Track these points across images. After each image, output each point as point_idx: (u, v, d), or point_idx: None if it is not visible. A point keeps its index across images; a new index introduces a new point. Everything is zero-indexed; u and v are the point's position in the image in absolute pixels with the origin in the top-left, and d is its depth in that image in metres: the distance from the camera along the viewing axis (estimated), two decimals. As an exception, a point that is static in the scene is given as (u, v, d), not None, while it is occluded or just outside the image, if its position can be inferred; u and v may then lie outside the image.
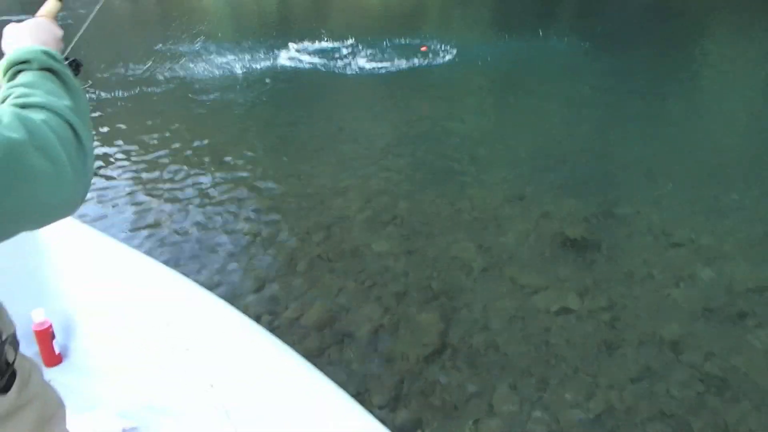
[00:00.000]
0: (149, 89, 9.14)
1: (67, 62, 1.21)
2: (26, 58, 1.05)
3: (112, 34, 13.66)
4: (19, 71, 1.04)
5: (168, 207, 5.27)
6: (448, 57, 10.22)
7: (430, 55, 10.19)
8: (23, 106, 0.94)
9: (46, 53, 1.08)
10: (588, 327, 3.73)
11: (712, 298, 4.00)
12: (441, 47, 10.84)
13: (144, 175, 5.99)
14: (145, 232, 4.87)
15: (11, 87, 1.00)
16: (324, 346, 3.61)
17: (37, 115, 0.92)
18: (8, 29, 1.20)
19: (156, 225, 4.98)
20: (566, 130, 6.91)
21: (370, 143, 6.59)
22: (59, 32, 1.24)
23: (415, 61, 9.90)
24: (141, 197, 5.54)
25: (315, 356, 3.53)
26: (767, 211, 5.03)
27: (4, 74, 1.05)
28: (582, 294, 4.00)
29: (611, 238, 4.65)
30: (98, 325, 2.49)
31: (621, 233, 4.72)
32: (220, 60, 10.44)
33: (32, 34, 1.17)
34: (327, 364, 3.49)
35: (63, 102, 0.98)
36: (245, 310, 3.88)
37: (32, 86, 0.99)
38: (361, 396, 3.28)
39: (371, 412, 3.17)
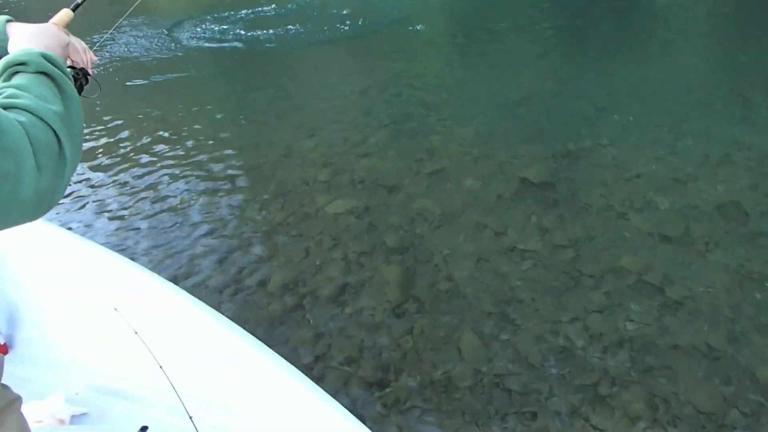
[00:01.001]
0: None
1: (74, 71, 1.28)
2: (23, 60, 1.06)
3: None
4: (16, 72, 1.06)
5: (116, 187, 5.17)
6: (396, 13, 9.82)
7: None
8: (6, 107, 0.95)
9: (45, 57, 1.08)
10: (550, 264, 3.77)
11: (670, 224, 4.05)
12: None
13: (89, 154, 5.85)
14: (94, 213, 4.80)
15: (3, 87, 1.01)
16: (288, 309, 3.63)
17: (19, 117, 0.93)
18: (14, 30, 1.22)
19: (105, 204, 4.90)
20: (521, 76, 6.81)
21: (324, 106, 6.48)
22: (65, 39, 1.26)
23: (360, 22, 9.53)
24: (88, 175, 5.43)
25: (280, 321, 3.56)
26: (721, 135, 5.05)
27: (1, 74, 1.06)
28: (543, 233, 4.03)
29: (570, 176, 4.66)
30: (44, 314, 2.47)
31: (580, 170, 4.73)
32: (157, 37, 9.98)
33: (36, 38, 1.19)
34: (293, 326, 3.51)
35: (51, 107, 0.99)
36: (209, 282, 3.90)
37: (23, 89, 1.00)
38: (326, 354, 3.33)
39: (337, 369, 3.25)
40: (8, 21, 1.26)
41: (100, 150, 5.95)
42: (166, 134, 6.11)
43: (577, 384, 3.00)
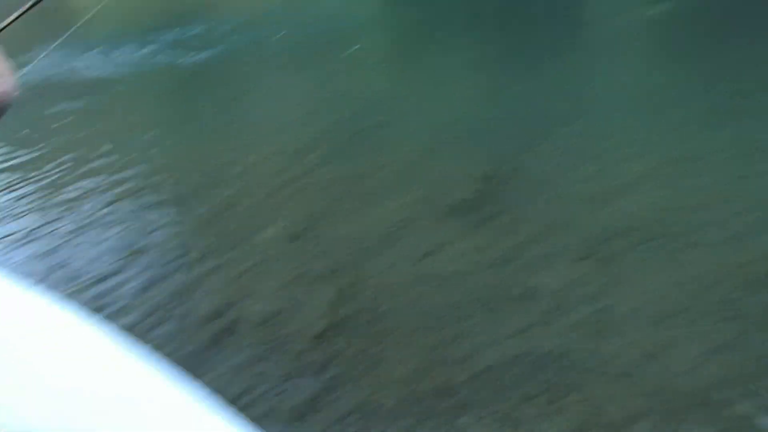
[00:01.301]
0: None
1: None
2: None
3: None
4: None
5: (34, 211, 4.99)
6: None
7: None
8: None
9: None
10: (479, 284, 3.79)
11: (596, 242, 4.13)
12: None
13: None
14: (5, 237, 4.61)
15: None
16: (215, 337, 3.53)
17: None
18: None
19: (19, 228, 4.72)
20: (454, 93, 6.90)
21: (255, 129, 6.45)
22: None
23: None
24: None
25: (207, 348, 3.46)
26: (660, 140, 5.22)
27: None
28: (472, 253, 4.05)
29: (501, 195, 4.75)
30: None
31: (510, 189, 4.81)
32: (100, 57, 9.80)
33: None
34: (219, 354, 3.42)
35: None
36: (131, 308, 3.77)
37: None
38: (256, 379, 3.25)
39: (264, 398, 3.17)
40: None
41: (22, 172, 5.75)
42: (92, 155, 5.95)
43: (498, 406, 2.99)
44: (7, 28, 1.45)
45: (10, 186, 5.62)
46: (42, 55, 3.90)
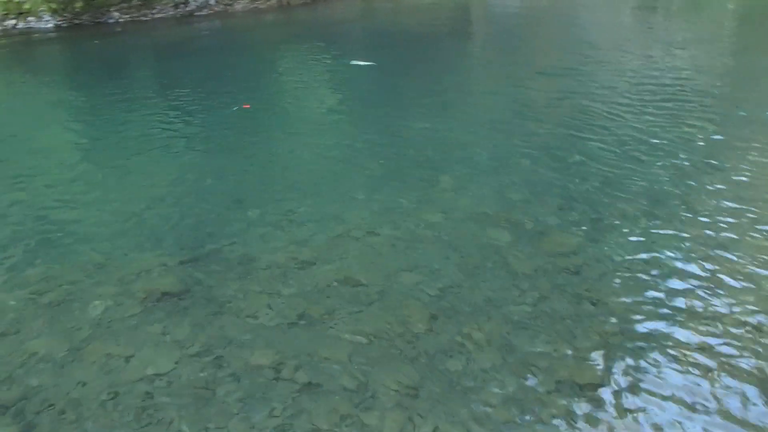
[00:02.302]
0: None
1: None
2: None
3: None
4: None
5: None
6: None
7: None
8: None
9: None
10: (186, 380, 3.66)
11: (297, 309, 4.28)
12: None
13: None
14: None
15: None
16: None
17: None
18: None
19: None
20: (152, 177, 6.60)
21: None
22: None
23: None
24: None
25: None
26: (337, 215, 5.57)
27: None
28: (177, 347, 3.93)
29: (202, 279, 4.65)
30: None
31: (211, 271, 4.75)
32: None
33: None
34: None
35: None
36: None
37: None
38: None
39: None
40: None
41: None
42: None
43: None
44: None
45: None
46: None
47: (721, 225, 5.19)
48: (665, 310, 4.17)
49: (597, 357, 3.78)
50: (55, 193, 6.33)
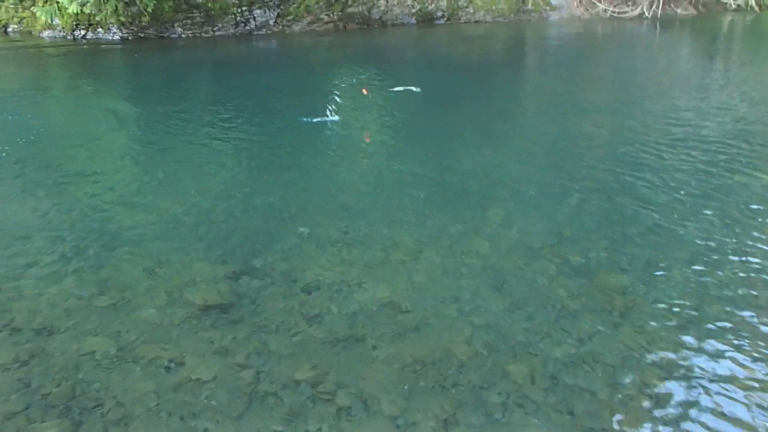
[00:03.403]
0: None
1: None
2: None
3: None
4: None
5: None
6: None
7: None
8: None
9: None
10: (230, 388, 3.76)
11: (341, 329, 4.34)
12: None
13: None
14: None
15: None
16: None
17: None
18: None
19: None
20: (201, 191, 6.72)
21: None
22: None
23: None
24: None
25: None
26: (383, 236, 5.66)
27: None
28: (222, 356, 4.02)
29: (249, 294, 4.74)
30: None
31: (258, 287, 4.84)
32: None
33: None
34: None
35: None
36: None
37: None
38: None
39: None
40: None
41: None
42: None
43: None
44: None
45: None
46: None
47: (776, 277, 5.05)
48: (714, 361, 4.06)
49: (641, 403, 3.71)
50: (113, 196, 6.56)
